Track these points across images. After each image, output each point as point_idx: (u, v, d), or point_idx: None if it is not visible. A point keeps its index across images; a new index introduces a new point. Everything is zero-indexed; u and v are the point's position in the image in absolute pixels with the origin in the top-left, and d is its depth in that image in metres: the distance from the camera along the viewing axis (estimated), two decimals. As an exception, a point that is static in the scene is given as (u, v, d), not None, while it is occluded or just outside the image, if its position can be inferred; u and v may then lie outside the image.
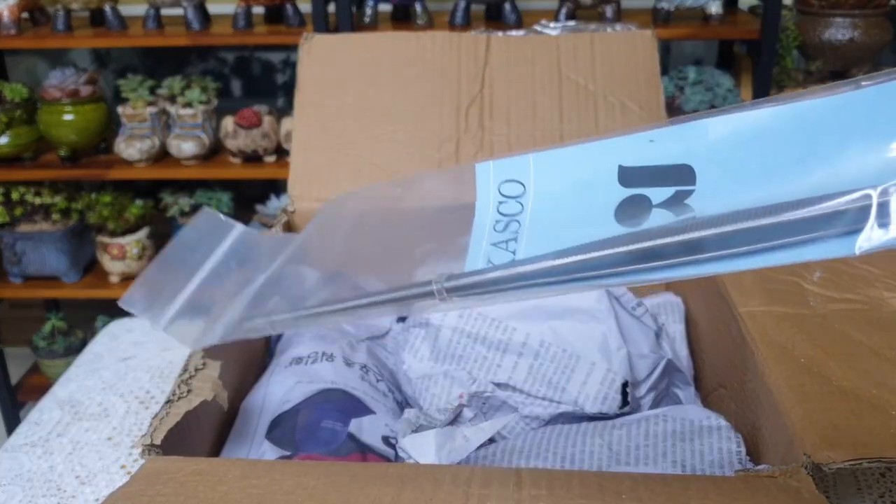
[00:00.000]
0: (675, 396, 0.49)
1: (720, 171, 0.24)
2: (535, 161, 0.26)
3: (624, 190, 0.25)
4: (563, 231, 0.25)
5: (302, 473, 0.33)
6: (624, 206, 0.25)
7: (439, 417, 0.45)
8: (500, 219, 0.26)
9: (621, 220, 0.25)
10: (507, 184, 0.26)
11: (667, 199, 0.24)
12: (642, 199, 0.25)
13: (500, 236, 0.26)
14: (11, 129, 1.32)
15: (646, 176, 0.25)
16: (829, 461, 0.32)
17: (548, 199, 0.26)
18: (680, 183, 0.24)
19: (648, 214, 0.24)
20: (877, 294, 0.45)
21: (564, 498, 0.30)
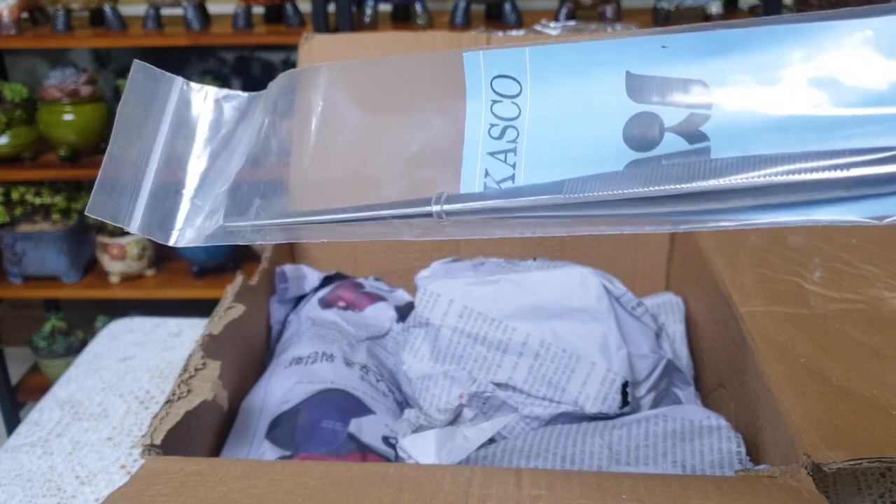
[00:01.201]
0: (675, 396, 0.49)
1: (738, 96, 0.21)
2: (533, 56, 0.23)
3: (633, 104, 0.22)
4: (567, 146, 0.22)
5: (302, 473, 0.33)
6: (633, 124, 0.22)
7: (439, 417, 0.45)
8: (495, 122, 0.23)
9: (630, 142, 0.22)
10: (501, 80, 0.23)
11: (680, 122, 0.22)
12: (653, 118, 0.22)
13: (497, 144, 0.23)
14: (11, 129, 1.32)
15: (657, 88, 0.22)
16: (829, 461, 0.32)
17: (548, 104, 0.23)
18: (694, 104, 0.21)
19: (660, 138, 0.22)
20: (877, 294, 0.45)
21: (564, 498, 0.30)
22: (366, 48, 0.66)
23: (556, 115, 0.23)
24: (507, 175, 0.23)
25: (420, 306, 0.48)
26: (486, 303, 0.47)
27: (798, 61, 0.21)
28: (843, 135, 0.20)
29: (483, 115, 0.23)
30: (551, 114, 0.23)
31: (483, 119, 0.23)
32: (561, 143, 0.23)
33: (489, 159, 0.23)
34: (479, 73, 0.24)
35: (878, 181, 0.19)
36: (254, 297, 0.52)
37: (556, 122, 0.23)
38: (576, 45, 0.23)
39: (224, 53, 1.58)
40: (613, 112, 0.22)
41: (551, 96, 0.23)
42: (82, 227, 1.41)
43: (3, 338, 1.50)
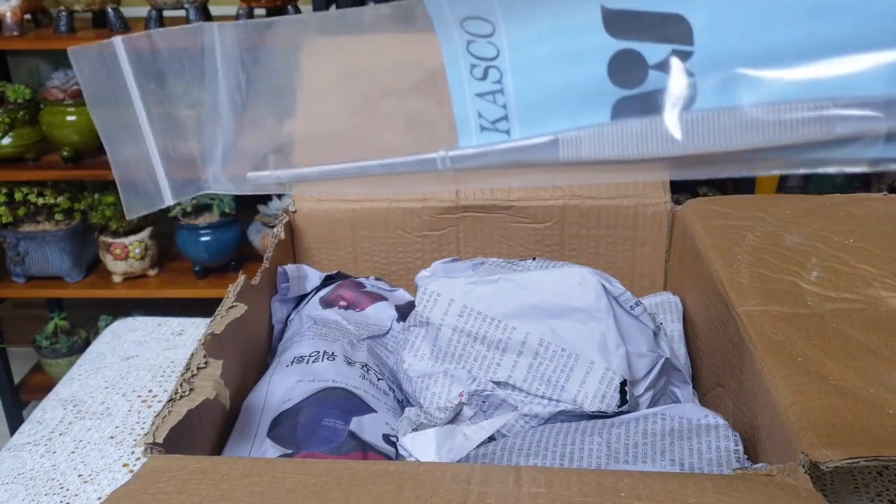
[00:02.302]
0: (673, 395, 0.49)
1: (722, 27, 0.20)
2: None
3: (613, 41, 0.21)
4: (553, 86, 0.22)
5: (303, 471, 0.33)
6: (617, 63, 0.21)
7: (439, 416, 0.45)
8: (475, 63, 0.22)
9: (616, 81, 0.21)
10: (471, 21, 0.22)
11: (663, 59, 0.21)
12: (636, 56, 0.21)
13: (482, 85, 0.22)
14: (14, 129, 1.32)
15: (635, 24, 0.21)
16: (826, 459, 0.32)
17: (526, 43, 0.22)
18: (675, 40, 0.21)
19: (646, 76, 0.21)
20: (874, 293, 0.45)
21: (563, 495, 0.31)
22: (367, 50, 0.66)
23: (536, 55, 0.22)
24: (499, 116, 0.23)
25: (420, 305, 0.49)
26: (485, 302, 0.47)
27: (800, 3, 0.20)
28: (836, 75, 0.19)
29: (460, 55, 0.23)
30: (531, 53, 0.22)
31: (461, 60, 0.23)
32: (546, 83, 0.22)
33: (478, 101, 0.23)
34: (445, 15, 0.23)
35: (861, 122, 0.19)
36: (255, 297, 0.52)
37: (537, 62, 0.22)
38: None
39: (226, 54, 1.58)
40: (594, 50, 0.21)
41: (528, 35, 0.22)
42: (85, 227, 1.41)
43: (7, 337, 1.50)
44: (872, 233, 0.52)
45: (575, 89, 0.22)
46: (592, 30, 0.21)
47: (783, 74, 0.20)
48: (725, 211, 0.56)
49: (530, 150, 0.22)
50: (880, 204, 0.56)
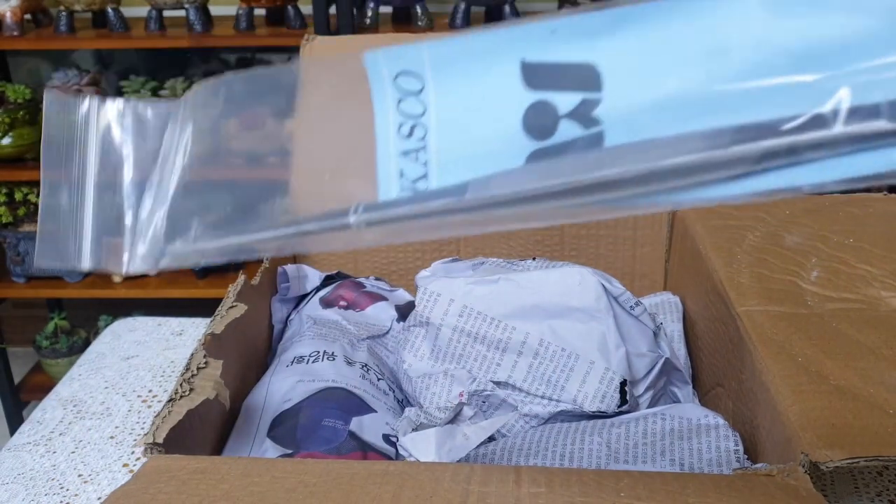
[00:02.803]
0: (674, 395, 0.49)
1: (629, 76, 0.21)
2: (431, 50, 0.23)
3: (529, 93, 0.22)
4: (473, 141, 0.22)
5: (303, 471, 0.33)
6: (531, 114, 0.22)
7: (439, 416, 0.45)
8: (403, 121, 0.23)
9: (529, 132, 0.22)
10: (404, 77, 0.23)
11: (573, 108, 0.21)
12: (548, 106, 0.22)
13: (407, 143, 0.23)
14: (14, 129, 1.33)
15: (550, 75, 0.22)
16: (826, 460, 0.32)
17: (451, 99, 0.23)
18: (585, 88, 0.21)
19: (556, 126, 0.22)
20: (874, 293, 0.45)
21: (563, 495, 0.31)
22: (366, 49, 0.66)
23: (459, 110, 0.23)
24: (420, 174, 0.23)
25: (420, 306, 0.49)
26: (485, 302, 0.47)
27: (688, 35, 0.20)
28: (735, 108, 0.20)
29: (390, 113, 0.23)
30: (454, 108, 0.23)
31: (391, 118, 0.23)
32: (466, 139, 0.23)
33: (402, 159, 0.23)
34: (381, 71, 0.23)
35: (764, 157, 0.19)
36: (255, 297, 0.52)
37: (459, 117, 0.23)
38: (472, 36, 0.23)
39: (226, 55, 1.59)
40: (512, 103, 0.22)
41: (453, 91, 0.23)
42: (85, 227, 1.41)
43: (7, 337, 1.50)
44: (872, 232, 0.52)
45: (492, 143, 0.22)
46: (511, 83, 0.22)
47: (685, 112, 0.20)
48: (725, 211, 0.56)
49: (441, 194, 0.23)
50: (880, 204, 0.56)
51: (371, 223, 0.23)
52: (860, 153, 0.19)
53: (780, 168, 0.19)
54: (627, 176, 0.20)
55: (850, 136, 0.18)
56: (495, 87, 0.22)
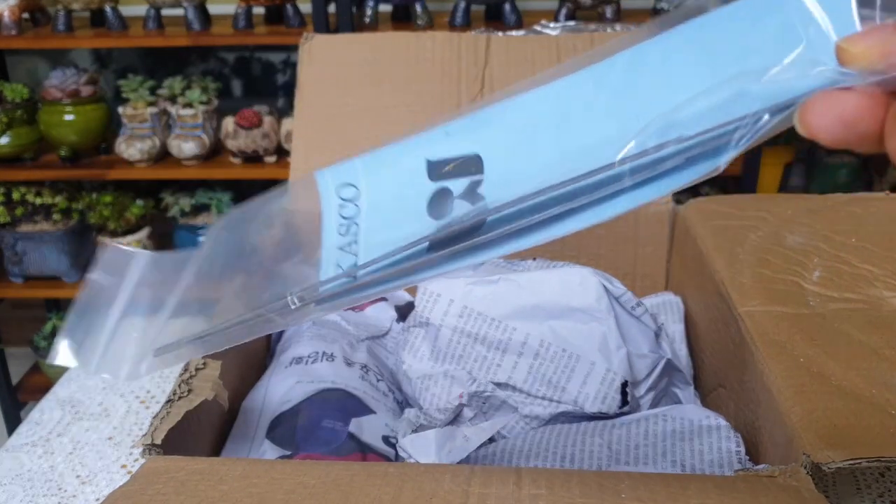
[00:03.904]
0: (675, 396, 0.49)
1: (504, 156, 0.27)
2: (363, 163, 0.29)
3: (432, 184, 0.27)
4: (390, 229, 0.28)
5: (302, 473, 0.33)
6: (433, 201, 0.28)
7: (439, 417, 0.45)
8: (342, 222, 0.29)
9: (432, 214, 0.28)
10: (345, 188, 0.29)
11: (463, 190, 0.27)
12: (446, 192, 0.27)
13: (343, 240, 0.29)
14: (12, 129, 1.32)
15: (446, 168, 0.27)
16: (828, 461, 0.32)
17: (376, 199, 0.28)
18: (472, 173, 0.27)
19: (451, 206, 0.27)
20: (876, 293, 0.45)
21: (564, 497, 0.30)
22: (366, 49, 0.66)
23: (380, 206, 0.28)
24: (351, 262, 0.29)
25: (420, 306, 0.48)
26: (485, 302, 0.47)
27: (548, 123, 0.27)
28: (576, 160, 0.26)
29: (334, 218, 0.29)
30: (377, 205, 0.28)
31: (334, 222, 0.29)
32: (384, 229, 0.28)
33: (339, 253, 0.29)
34: (328, 185, 0.29)
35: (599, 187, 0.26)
36: (254, 297, 0.52)
37: (381, 212, 0.28)
38: (395, 144, 0.29)
39: (224, 54, 1.58)
40: (419, 194, 0.28)
41: (376, 193, 0.29)
42: (83, 227, 1.41)
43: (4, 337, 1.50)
44: (874, 232, 0.52)
45: (404, 229, 0.28)
46: (419, 179, 0.28)
47: (543, 170, 0.27)
48: (727, 211, 0.56)
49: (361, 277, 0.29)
50: (882, 203, 0.56)
51: (308, 302, 0.29)
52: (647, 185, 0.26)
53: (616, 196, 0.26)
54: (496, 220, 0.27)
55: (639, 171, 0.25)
56: (407, 184, 0.28)
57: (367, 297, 0.30)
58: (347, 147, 0.64)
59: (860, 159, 1.49)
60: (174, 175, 1.35)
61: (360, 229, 0.28)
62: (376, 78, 0.65)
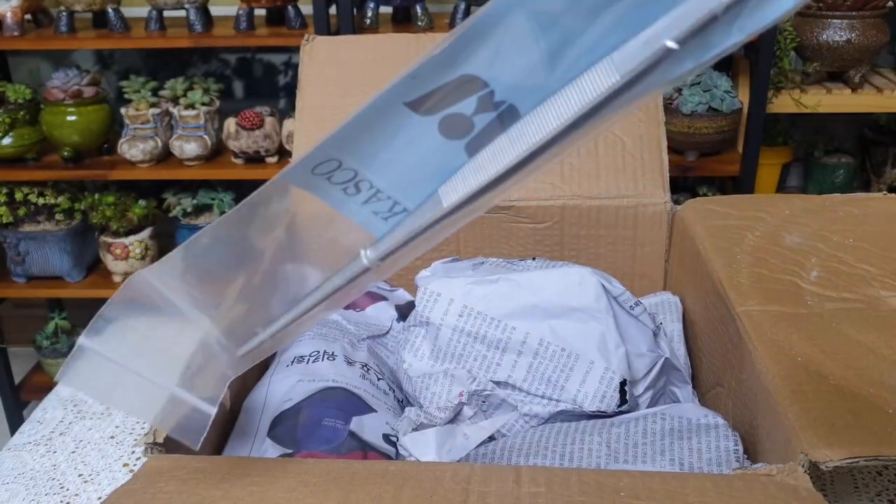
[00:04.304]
0: (673, 395, 0.49)
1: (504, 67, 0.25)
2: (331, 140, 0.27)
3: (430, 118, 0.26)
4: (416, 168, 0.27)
5: (303, 471, 0.33)
6: (444, 127, 0.26)
7: (439, 416, 0.45)
8: (344, 185, 0.27)
9: (452, 136, 0.26)
10: (319, 166, 0.27)
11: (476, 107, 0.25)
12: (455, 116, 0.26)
13: (362, 196, 0.28)
14: (15, 129, 1.33)
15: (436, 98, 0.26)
16: (826, 459, 0.32)
17: (371, 154, 0.27)
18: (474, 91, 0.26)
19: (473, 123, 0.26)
20: (874, 293, 0.45)
21: (563, 495, 0.31)
22: (367, 50, 0.66)
23: (385, 157, 0.27)
24: (390, 205, 0.28)
25: (420, 305, 0.49)
26: (485, 302, 0.47)
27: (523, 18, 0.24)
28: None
29: (328, 187, 0.28)
30: (381, 158, 0.27)
31: (332, 189, 0.28)
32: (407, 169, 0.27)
33: (366, 206, 0.28)
34: (298, 175, 0.28)
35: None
36: (255, 297, 0.52)
37: (390, 161, 0.27)
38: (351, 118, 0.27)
39: (226, 55, 1.59)
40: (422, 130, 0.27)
41: (367, 151, 0.28)
42: (85, 227, 1.41)
43: (7, 337, 1.50)
44: (872, 232, 0.52)
45: (430, 160, 0.27)
46: (410, 121, 0.26)
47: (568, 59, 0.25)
48: (725, 211, 0.56)
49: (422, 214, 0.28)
50: (880, 203, 0.56)
51: (382, 256, 0.28)
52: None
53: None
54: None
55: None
56: (399, 129, 0.26)
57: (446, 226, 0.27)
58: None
59: (858, 160, 1.49)
60: (176, 175, 1.35)
61: (374, 184, 0.27)
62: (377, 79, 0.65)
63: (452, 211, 0.27)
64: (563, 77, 0.24)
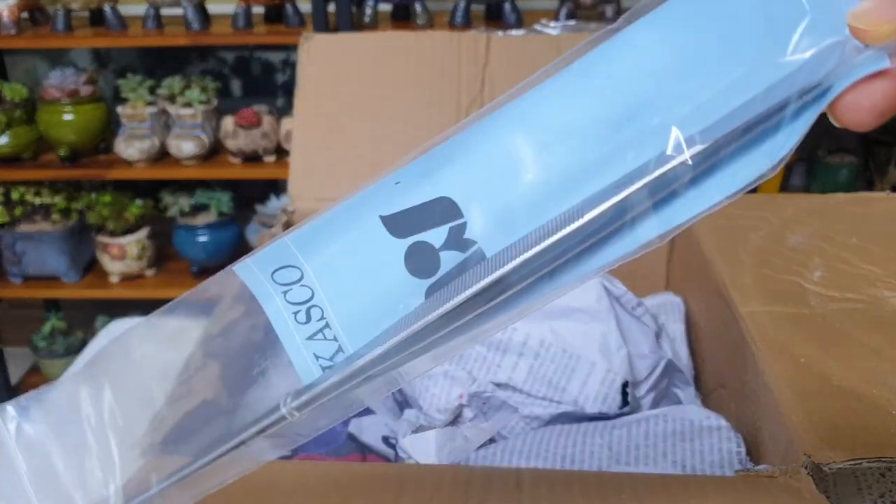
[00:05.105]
0: (675, 396, 0.49)
1: (479, 192, 0.23)
2: (293, 241, 0.24)
3: (401, 241, 0.23)
4: (368, 302, 0.24)
5: (302, 473, 0.33)
6: (411, 259, 0.23)
7: (439, 417, 0.45)
8: (296, 309, 0.24)
9: (416, 273, 0.23)
10: (280, 272, 0.24)
11: (445, 239, 0.23)
12: (424, 245, 0.23)
13: (309, 328, 0.24)
14: (11, 129, 1.32)
15: (411, 220, 0.23)
16: (829, 461, 0.32)
17: (332, 274, 0.24)
18: (448, 219, 0.23)
19: (439, 260, 0.23)
20: (877, 293, 0.45)
21: (565, 498, 0.30)
22: (366, 48, 0.66)
23: (344, 281, 0.24)
24: (334, 350, 0.24)
25: (420, 306, 0.48)
26: (485, 303, 0.47)
27: (518, 140, 0.23)
28: (583, 184, 0.22)
29: (282, 307, 0.24)
30: (340, 282, 0.24)
31: (284, 311, 0.24)
32: (362, 302, 0.24)
33: (311, 343, 0.24)
34: (256, 276, 0.25)
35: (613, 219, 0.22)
36: (253, 297, 0.52)
37: (347, 287, 0.24)
38: (328, 214, 0.24)
39: (224, 53, 1.58)
40: (389, 255, 0.23)
41: (331, 267, 0.24)
42: (82, 226, 1.41)
43: (3, 337, 1.50)
44: (876, 232, 0.52)
45: (388, 297, 0.23)
46: (381, 239, 0.23)
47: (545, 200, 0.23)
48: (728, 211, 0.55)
49: (356, 357, 0.24)
50: (883, 203, 0.56)
51: (302, 406, 0.24)
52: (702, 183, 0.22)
53: (642, 219, 0.22)
54: (515, 267, 0.22)
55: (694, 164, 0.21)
56: (368, 248, 0.24)
57: (380, 387, 0.24)
58: (347, 146, 0.64)
59: (861, 159, 1.49)
60: (173, 175, 1.35)
61: (326, 311, 0.24)
62: (376, 77, 0.65)
63: (369, 365, 0.23)
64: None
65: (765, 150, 0.21)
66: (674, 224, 0.22)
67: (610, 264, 0.23)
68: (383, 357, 0.23)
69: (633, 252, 0.22)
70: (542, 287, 0.23)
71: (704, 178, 0.22)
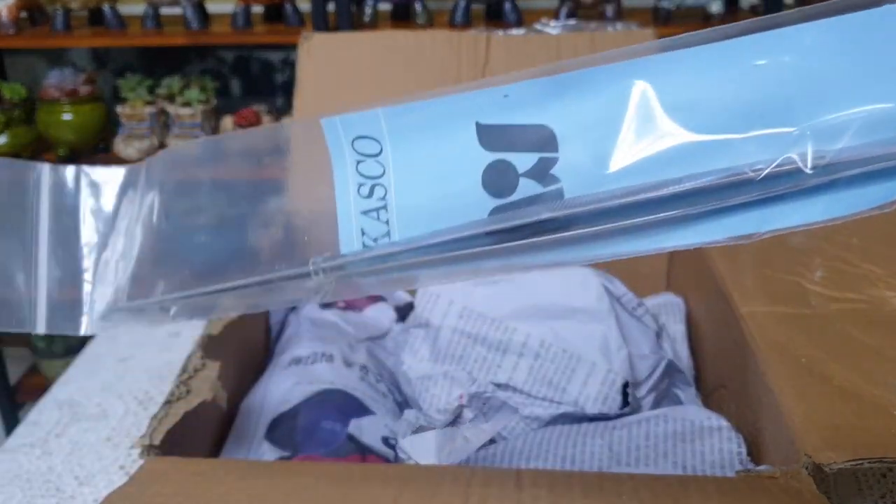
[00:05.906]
0: (676, 397, 0.48)
1: (582, 136, 0.22)
2: (386, 116, 0.24)
3: (487, 153, 0.23)
4: (433, 200, 0.23)
5: (301, 474, 0.33)
6: (490, 173, 0.23)
7: (439, 418, 0.45)
8: (362, 181, 0.24)
9: (489, 190, 0.23)
10: (361, 140, 0.24)
11: (531, 167, 0.22)
12: (507, 165, 0.23)
13: (368, 203, 0.24)
14: (10, 128, 1.32)
15: (506, 137, 0.23)
16: (830, 462, 0.32)
17: (409, 161, 0.24)
18: (542, 148, 0.22)
19: (516, 185, 0.23)
20: (879, 293, 0.45)
21: (565, 498, 0.30)
22: (365, 47, 0.66)
23: (418, 171, 0.24)
24: (382, 232, 0.24)
25: (420, 307, 0.48)
26: (485, 303, 0.47)
27: (641, 96, 0.22)
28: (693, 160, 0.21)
29: (350, 175, 0.24)
30: (414, 170, 0.24)
31: (350, 179, 0.24)
32: (427, 197, 0.24)
33: (363, 218, 0.24)
34: (339, 136, 0.24)
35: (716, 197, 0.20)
36: (253, 298, 0.52)
37: (419, 178, 0.24)
38: (426, 102, 0.24)
39: (223, 53, 1.58)
40: (470, 163, 0.23)
41: (411, 153, 0.24)
42: (81, 226, 1.41)
43: (2, 338, 1.50)
44: (877, 232, 0.51)
45: (453, 201, 0.23)
46: (468, 144, 0.23)
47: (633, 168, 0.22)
48: (727, 210, 0.55)
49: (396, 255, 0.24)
50: (883, 203, 0.56)
51: (332, 271, 0.24)
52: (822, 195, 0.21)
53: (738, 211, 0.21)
54: (584, 215, 0.21)
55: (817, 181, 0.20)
56: (453, 149, 0.23)
57: (402, 283, 0.24)
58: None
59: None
60: (173, 174, 1.35)
61: (389, 194, 0.23)
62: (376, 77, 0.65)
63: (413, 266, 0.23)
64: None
65: (887, 187, 0.20)
66: (771, 227, 0.21)
67: (685, 246, 0.21)
68: (423, 251, 0.23)
69: (719, 241, 0.21)
70: (598, 247, 0.22)
71: (814, 193, 0.21)
